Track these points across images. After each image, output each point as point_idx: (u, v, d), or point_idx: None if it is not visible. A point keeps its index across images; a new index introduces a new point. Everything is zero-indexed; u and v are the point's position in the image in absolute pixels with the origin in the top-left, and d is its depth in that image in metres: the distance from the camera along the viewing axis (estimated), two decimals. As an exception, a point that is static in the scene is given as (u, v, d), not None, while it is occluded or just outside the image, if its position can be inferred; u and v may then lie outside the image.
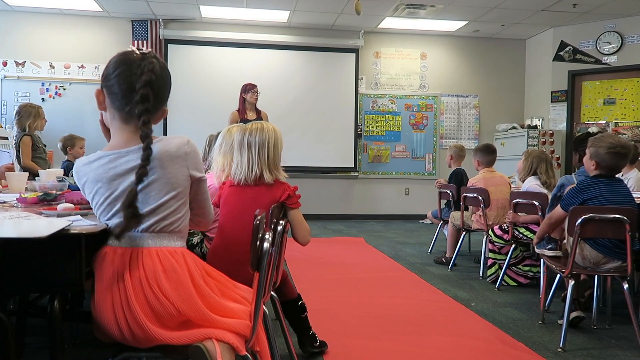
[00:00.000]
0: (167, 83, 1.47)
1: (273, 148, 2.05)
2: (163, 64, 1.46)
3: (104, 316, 1.36)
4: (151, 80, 1.37)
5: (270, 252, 1.50)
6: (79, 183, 1.46)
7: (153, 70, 1.38)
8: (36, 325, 2.44)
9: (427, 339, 2.69)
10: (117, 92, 1.39)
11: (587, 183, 2.68)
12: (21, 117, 4.55)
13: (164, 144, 1.41)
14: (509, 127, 8.00)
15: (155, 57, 1.43)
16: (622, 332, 2.84)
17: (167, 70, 1.47)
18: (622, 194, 2.66)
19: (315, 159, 7.74)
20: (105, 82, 1.42)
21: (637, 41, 7.03)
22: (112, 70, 1.40)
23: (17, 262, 1.31)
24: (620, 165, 2.69)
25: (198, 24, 7.64)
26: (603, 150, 2.63)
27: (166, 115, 1.52)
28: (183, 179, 1.43)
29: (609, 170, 2.67)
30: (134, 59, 1.39)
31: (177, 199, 1.43)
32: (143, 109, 1.36)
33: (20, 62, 7.31)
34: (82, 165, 1.43)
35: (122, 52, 1.43)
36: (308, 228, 2.06)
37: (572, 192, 2.69)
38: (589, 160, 2.71)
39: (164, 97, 1.47)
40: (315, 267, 4.39)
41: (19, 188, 2.45)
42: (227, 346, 1.34)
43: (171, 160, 1.40)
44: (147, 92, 1.36)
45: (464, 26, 7.70)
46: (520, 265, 3.81)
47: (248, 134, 2.06)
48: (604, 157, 2.63)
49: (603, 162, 2.65)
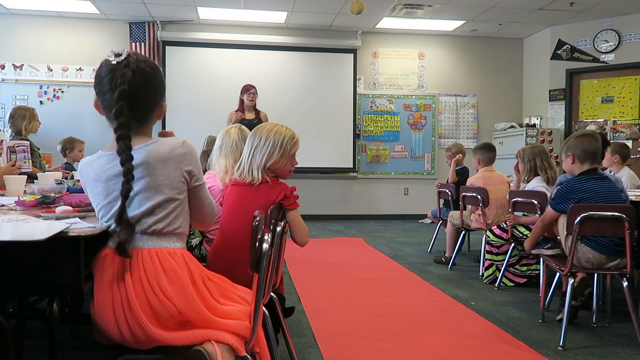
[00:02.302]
0: (149, 84, 1.43)
1: (270, 150, 2.02)
2: (140, 67, 1.40)
3: (104, 317, 1.36)
4: (124, 92, 1.36)
5: (269, 253, 1.50)
6: (82, 182, 1.50)
7: (125, 81, 1.36)
8: (35, 328, 2.43)
9: (426, 339, 2.69)
10: (105, 106, 1.43)
11: (575, 180, 2.68)
12: (15, 120, 4.50)
13: (157, 145, 1.41)
14: (507, 126, 8.01)
15: (129, 63, 1.38)
16: (622, 330, 2.84)
17: (148, 70, 1.42)
18: (612, 191, 2.65)
19: (314, 159, 7.74)
20: (96, 92, 1.45)
21: (634, 39, 7.04)
22: (97, 83, 1.43)
23: (16, 265, 1.31)
24: (594, 147, 2.67)
25: (196, 26, 7.64)
26: (572, 140, 2.72)
27: (165, 111, 1.51)
28: (176, 180, 1.43)
29: (587, 157, 2.67)
30: (109, 70, 1.39)
31: (173, 201, 1.43)
32: (118, 124, 1.36)
33: (18, 65, 7.30)
34: (85, 164, 1.47)
35: (104, 61, 1.42)
36: (306, 229, 2.04)
37: (562, 191, 2.68)
38: (567, 159, 2.76)
39: (150, 99, 1.45)
40: (314, 268, 4.39)
41: (17, 191, 2.45)
42: (227, 347, 1.35)
43: (163, 162, 1.40)
44: (121, 107, 1.35)
45: (462, 26, 7.71)
46: (518, 265, 3.81)
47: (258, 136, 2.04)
48: (575, 143, 2.69)
49: (576, 150, 2.68)
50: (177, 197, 1.44)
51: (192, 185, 1.49)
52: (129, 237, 1.35)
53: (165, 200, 1.41)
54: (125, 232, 1.34)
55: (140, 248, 1.39)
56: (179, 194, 1.44)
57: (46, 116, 6.92)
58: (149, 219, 1.39)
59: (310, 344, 2.59)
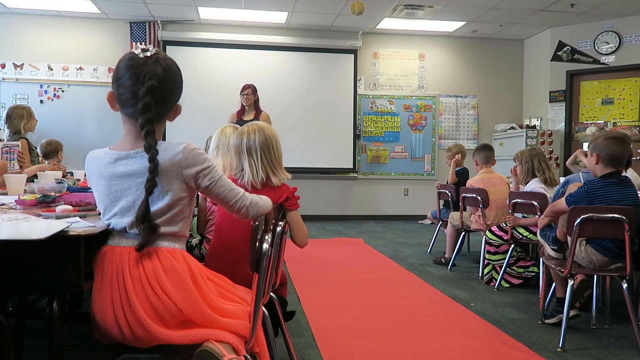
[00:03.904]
0: (174, 83, 1.44)
1: (276, 148, 2.01)
2: (168, 64, 1.42)
3: (104, 315, 1.36)
4: (153, 87, 1.35)
5: (269, 253, 1.50)
6: (87, 175, 1.49)
7: (155, 76, 1.36)
8: (35, 327, 2.43)
9: (426, 340, 2.69)
10: (124, 99, 1.39)
11: (597, 185, 2.62)
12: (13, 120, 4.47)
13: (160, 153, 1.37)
14: (507, 127, 8.01)
15: (158, 59, 1.39)
16: (621, 331, 2.84)
17: (175, 70, 1.44)
18: (631, 198, 2.61)
19: (314, 160, 7.74)
20: (114, 85, 1.41)
21: (635, 41, 7.04)
22: (119, 75, 1.39)
23: (16, 264, 1.31)
24: (621, 152, 2.61)
25: (196, 26, 7.65)
26: (601, 140, 2.63)
27: (180, 112, 1.50)
28: (177, 186, 1.40)
29: (612, 161, 2.60)
30: (136, 64, 1.37)
31: (176, 205, 1.42)
32: (145, 119, 1.35)
33: (18, 64, 7.30)
34: (91, 158, 1.47)
35: (129, 54, 1.41)
36: (306, 230, 2.03)
37: (582, 192, 2.63)
38: (591, 157, 2.68)
39: (172, 98, 1.45)
40: (314, 268, 4.39)
41: (17, 190, 2.45)
42: (227, 346, 1.35)
43: (165, 170, 1.38)
44: (149, 102, 1.35)
45: (462, 27, 7.71)
46: (515, 266, 3.81)
47: (246, 138, 1.99)
48: (603, 145, 2.61)
49: (603, 152, 2.61)
50: (180, 200, 1.42)
51: (204, 185, 1.43)
52: (151, 237, 1.35)
53: (167, 205, 1.40)
54: (149, 232, 1.34)
55: None
56: (181, 200, 1.42)
57: (46, 115, 6.95)
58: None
59: (310, 344, 2.59)
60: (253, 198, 1.56)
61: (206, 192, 1.47)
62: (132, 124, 1.41)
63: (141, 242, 1.35)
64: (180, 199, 1.42)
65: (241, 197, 1.52)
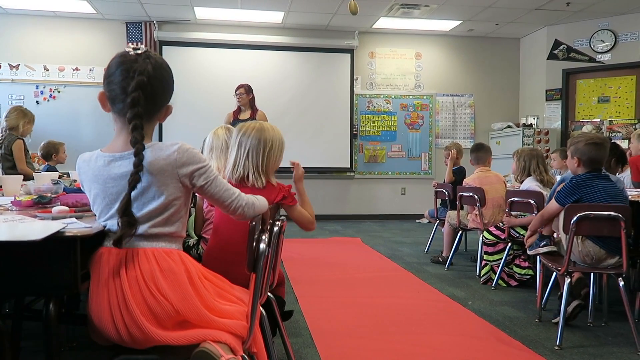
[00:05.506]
0: (164, 81, 1.43)
1: (269, 151, 2.01)
2: (159, 62, 1.42)
3: (100, 317, 1.35)
4: (142, 82, 1.35)
5: (266, 253, 1.50)
6: (80, 179, 1.49)
7: (145, 72, 1.36)
8: (32, 329, 2.43)
9: (424, 338, 2.69)
10: (114, 96, 1.39)
11: (583, 178, 2.71)
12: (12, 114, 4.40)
13: (154, 153, 1.37)
14: (504, 126, 8.03)
15: (149, 56, 1.39)
16: (618, 329, 2.85)
17: (165, 68, 1.44)
18: (617, 191, 2.69)
19: (311, 159, 7.73)
20: (105, 84, 1.41)
21: (630, 39, 7.06)
22: (110, 72, 1.40)
23: (12, 266, 1.30)
24: (601, 156, 2.73)
25: (192, 26, 7.63)
26: (582, 144, 2.73)
27: (170, 113, 1.48)
28: (173, 186, 1.40)
29: (592, 163, 2.72)
30: (127, 61, 1.37)
31: (172, 205, 1.41)
32: (133, 113, 1.34)
33: (14, 64, 7.27)
34: (82, 161, 1.46)
35: (120, 53, 1.41)
36: (309, 217, 2.14)
37: (569, 187, 2.71)
38: (572, 160, 2.79)
39: (162, 97, 1.44)
40: (312, 268, 4.39)
41: (13, 191, 2.44)
42: (225, 347, 1.34)
43: (160, 170, 1.37)
44: (138, 96, 1.34)
45: (459, 25, 7.72)
46: (512, 265, 3.81)
47: (242, 133, 2.01)
48: (584, 150, 2.71)
49: (584, 156, 2.72)
50: (176, 201, 1.42)
51: (199, 185, 1.43)
52: (128, 232, 1.33)
53: (162, 205, 1.39)
54: (127, 226, 1.32)
55: (135, 247, 1.38)
56: (177, 200, 1.42)
57: (42, 116, 6.92)
58: (146, 224, 1.38)
59: (308, 343, 2.60)
60: (249, 199, 1.55)
61: (201, 192, 1.47)
62: (122, 122, 1.41)
63: (118, 235, 1.32)
64: (176, 199, 1.41)
65: (237, 197, 1.51)
